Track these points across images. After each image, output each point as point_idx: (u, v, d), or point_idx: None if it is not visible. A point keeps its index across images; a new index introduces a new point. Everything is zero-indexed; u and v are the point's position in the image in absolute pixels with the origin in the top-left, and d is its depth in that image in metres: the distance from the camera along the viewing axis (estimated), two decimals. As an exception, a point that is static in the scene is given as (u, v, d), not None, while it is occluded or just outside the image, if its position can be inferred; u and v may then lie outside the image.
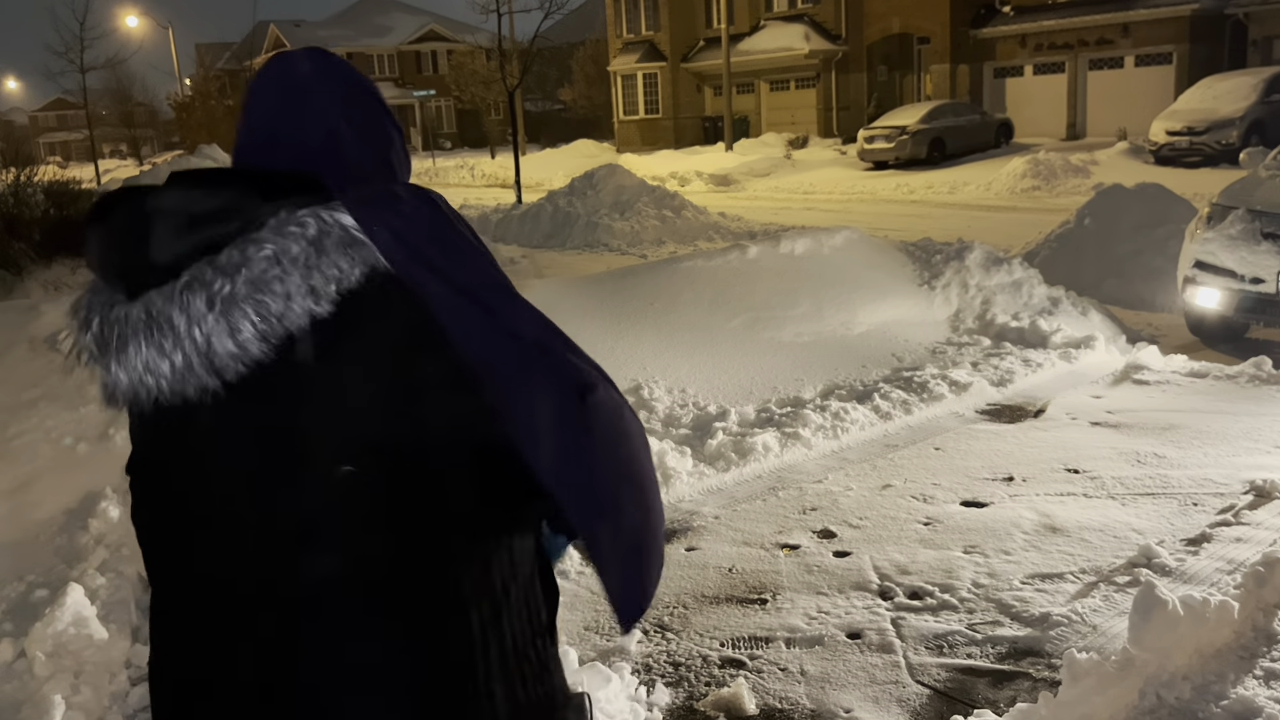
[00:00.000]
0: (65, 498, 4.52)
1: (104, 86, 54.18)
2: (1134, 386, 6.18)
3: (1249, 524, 4.14)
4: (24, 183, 10.75)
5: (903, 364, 6.56)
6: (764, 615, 3.67)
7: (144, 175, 15.78)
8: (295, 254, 1.05)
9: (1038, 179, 19.27)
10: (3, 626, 3.58)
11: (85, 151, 53.73)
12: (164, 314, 1.06)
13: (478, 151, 44.59)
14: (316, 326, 1.05)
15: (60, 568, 4.00)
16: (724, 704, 3.14)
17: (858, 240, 8.06)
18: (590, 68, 46.68)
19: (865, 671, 3.26)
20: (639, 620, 1.22)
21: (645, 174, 18.96)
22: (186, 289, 1.06)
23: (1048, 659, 3.26)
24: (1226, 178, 10.42)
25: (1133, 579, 3.69)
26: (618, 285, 7.00)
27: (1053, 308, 7.42)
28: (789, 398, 5.96)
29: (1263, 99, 20.05)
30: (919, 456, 5.21)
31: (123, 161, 58.31)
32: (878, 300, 7.31)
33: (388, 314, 1.07)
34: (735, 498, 4.81)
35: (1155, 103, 23.65)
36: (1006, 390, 6.17)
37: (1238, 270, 6.88)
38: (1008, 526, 4.26)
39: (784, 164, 27.06)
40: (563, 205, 15.23)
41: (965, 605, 3.63)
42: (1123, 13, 26.26)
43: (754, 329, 6.65)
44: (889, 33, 31.63)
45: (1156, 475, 4.73)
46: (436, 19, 61.07)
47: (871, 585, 3.84)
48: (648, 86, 38.53)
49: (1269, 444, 5.04)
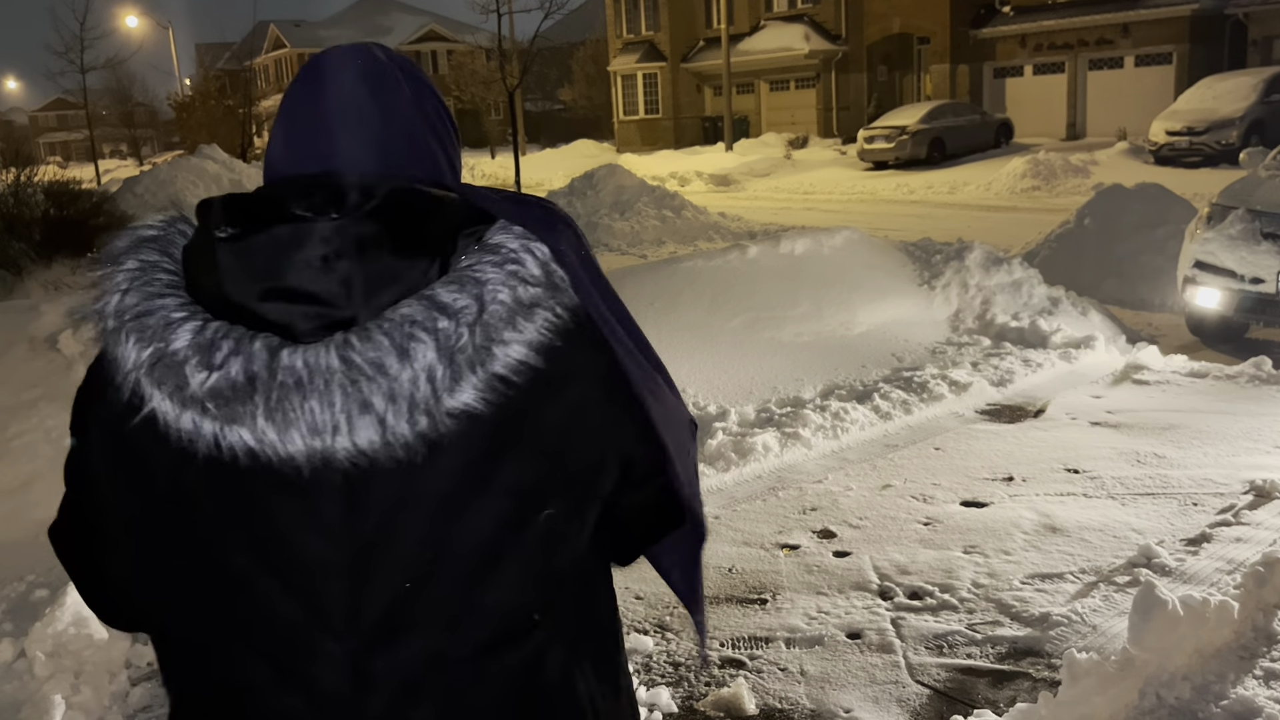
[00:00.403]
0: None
1: (104, 86, 54.22)
2: (1134, 386, 6.19)
3: (1249, 524, 4.14)
4: (24, 183, 10.76)
5: (903, 364, 6.57)
6: (764, 615, 3.67)
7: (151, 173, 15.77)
8: (532, 295, 0.95)
9: (1038, 179, 19.27)
10: (3, 626, 3.58)
11: (85, 151, 53.74)
12: (376, 363, 0.90)
13: (478, 151, 44.57)
14: (532, 372, 0.95)
15: (60, 568, 4.00)
16: (724, 704, 3.14)
17: (858, 240, 8.06)
18: (590, 68, 46.69)
19: (865, 671, 3.26)
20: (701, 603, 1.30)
21: (645, 174, 18.97)
22: (410, 334, 0.90)
23: (1048, 659, 3.26)
24: (1226, 178, 10.42)
25: (1133, 579, 3.69)
26: (618, 285, 6.81)
27: (1053, 308, 7.43)
28: (789, 398, 5.96)
29: (1263, 99, 20.06)
30: (919, 456, 5.21)
31: (123, 161, 58.34)
32: (878, 300, 7.31)
33: (588, 355, 1.01)
34: (735, 498, 4.81)
35: (1155, 103, 23.66)
36: (1006, 390, 6.17)
37: (1238, 270, 6.88)
38: (1008, 526, 4.26)
39: (784, 164, 27.07)
40: (563, 205, 15.23)
41: (965, 605, 3.63)
42: (1123, 13, 26.27)
43: (754, 329, 6.65)
44: (889, 33, 31.64)
45: (1156, 475, 4.73)
46: (436, 19, 61.12)
47: (871, 585, 3.84)
48: (648, 86, 38.54)
49: (1269, 444, 5.04)
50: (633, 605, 3.80)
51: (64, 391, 5.02)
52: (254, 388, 0.90)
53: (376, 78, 1.04)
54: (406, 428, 0.91)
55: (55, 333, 5.32)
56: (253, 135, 28.30)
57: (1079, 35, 27.51)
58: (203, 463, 0.92)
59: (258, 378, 0.90)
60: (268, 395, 0.90)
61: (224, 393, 0.90)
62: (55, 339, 5.27)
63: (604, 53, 42.30)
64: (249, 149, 25.64)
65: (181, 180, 15.05)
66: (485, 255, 0.96)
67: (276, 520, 0.95)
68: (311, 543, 0.95)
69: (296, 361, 0.90)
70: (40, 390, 5.03)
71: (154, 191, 14.71)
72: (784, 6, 34.70)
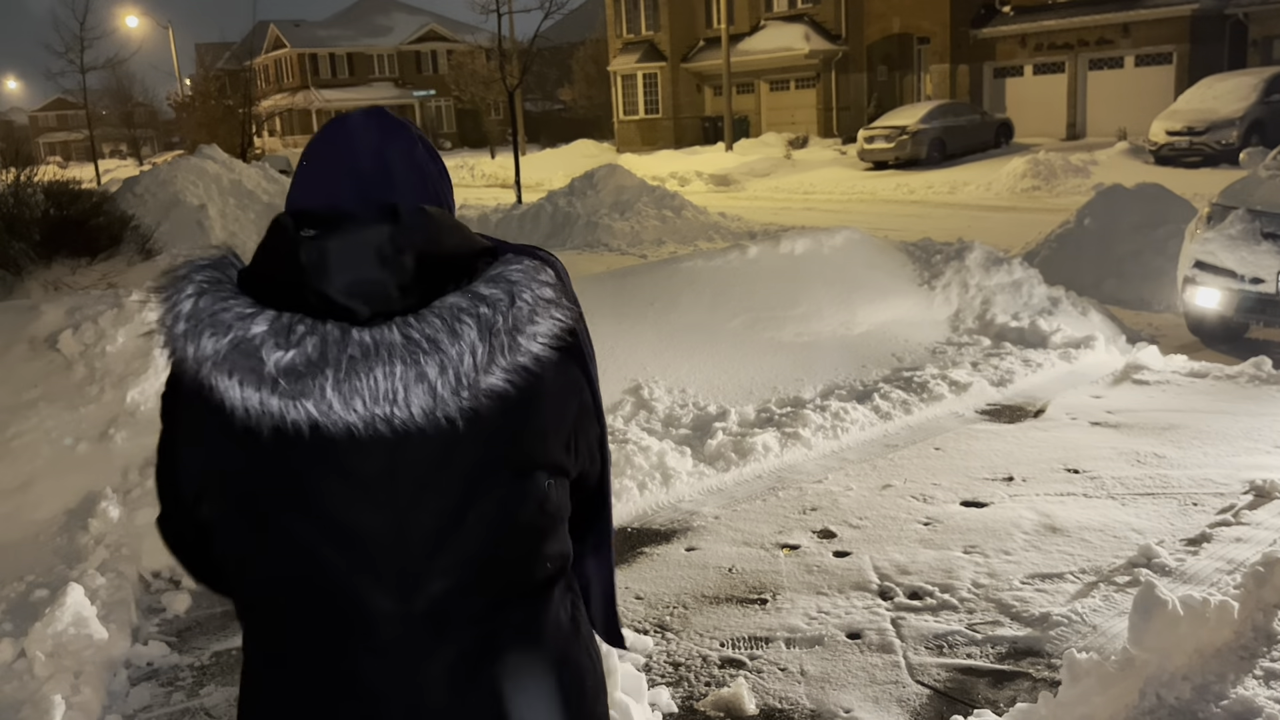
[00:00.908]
0: (65, 498, 4.52)
1: (104, 86, 54.19)
2: (1134, 386, 6.18)
3: (1249, 524, 4.14)
4: (24, 183, 10.72)
5: (903, 364, 6.56)
6: (764, 615, 3.67)
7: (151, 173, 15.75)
8: (548, 297, 1.18)
9: (1038, 179, 19.27)
10: (3, 626, 3.58)
11: (85, 151, 53.72)
12: (432, 339, 1.11)
13: (478, 151, 44.57)
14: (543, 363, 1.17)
15: (60, 568, 4.01)
16: (724, 704, 3.14)
17: (858, 240, 8.06)
18: (590, 68, 46.67)
19: (865, 671, 3.26)
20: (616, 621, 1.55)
21: (645, 174, 18.95)
22: (457, 317, 1.13)
23: (1048, 659, 3.26)
24: (1226, 178, 10.43)
25: (1133, 579, 3.69)
26: (618, 285, 6.99)
27: (1052, 308, 7.43)
28: (789, 398, 5.96)
29: (1262, 99, 20.05)
30: (919, 456, 5.21)
31: (123, 161, 58.32)
32: (878, 300, 7.31)
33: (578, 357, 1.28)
34: (735, 498, 4.81)
35: (1155, 103, 23.65)
36: (1006, 390, 6.17)
37: (1237, 270, 6.88)
38: (1008, 526, 4.26)
39: (784, 164, 27.06)
40: (563, 205, 15.23)
41: (965, 605, 3.63)
42: (1123, 13, 26.26)
43: (754, 329, 6.65)
44: (889, 33, 31.63)
45: (1156, 475, 4.73)
46: (436, 19, 61.08)
47: (871, 585, 3.84)
48: (648, 86, 38.52)
49: (1269, 444, 5.04)
50: (633, 605, 3.80)
51: (64, 391, 5.02)
52: (326, 360, 1.09)
53: (392, 131, 1.28)
54: (452, 400, 1.12)
55: (55, 333, 5.32)
56: (252, 135, 28.29)
57: (1079, 35, 27.50)
58: (269, 439, 1.11)
59: (329, 351, 1.09)
60: (338, 366, 1.09)
61: (298, 368, 1.09)
62: (55, 339, 5.27)
63: (604, 53, 42.29)
64: (249, 149, 25.63)
65: (181, 180, 15.03)
66: (512, 264, 1.19)
67: (332, 490, 1.14)
68: (361, 510, 1.14)
69: (365, 337, 1.10)
70: (40, 390, 5.03)
71: (154, 191, 14.68)
72: (784, 6, 34.68)
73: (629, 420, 5.51)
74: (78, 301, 5.73)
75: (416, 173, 1.27)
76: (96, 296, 5.92)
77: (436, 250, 1.17)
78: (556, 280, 1.22)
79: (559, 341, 1.19)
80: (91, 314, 5.38)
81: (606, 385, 5.68)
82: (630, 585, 3.98)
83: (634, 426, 5.39)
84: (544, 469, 1.23)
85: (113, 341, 5.24)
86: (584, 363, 1.30)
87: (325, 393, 1.09)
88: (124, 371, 5.13)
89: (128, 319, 5.35)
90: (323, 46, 58.73)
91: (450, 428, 1.13)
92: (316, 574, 1.16)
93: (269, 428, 1.10)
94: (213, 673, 3.51)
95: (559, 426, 1.25)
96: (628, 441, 5.10)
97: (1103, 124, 26.81)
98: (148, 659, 3.59)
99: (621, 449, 4.99)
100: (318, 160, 1.27)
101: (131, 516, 4.39)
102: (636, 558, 4.24)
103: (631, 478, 4.81)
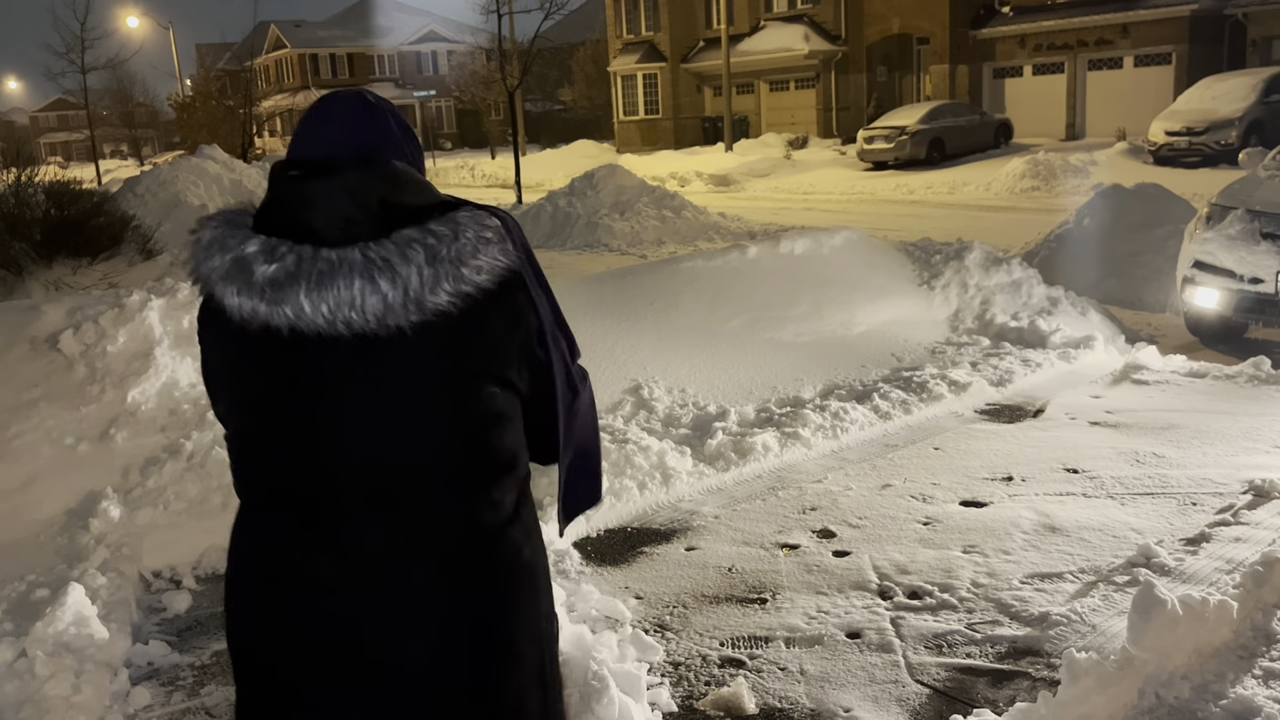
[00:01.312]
0: (65, 498, 4.53)
1: (105, 87, 54.19)
2: (1133, 386, 6.19)
3: (1248, 524, 4.14)
4: (24, 183, 10.72)
5: (902, 364, 6.57)
6: (764, 615, 3.67)
7: (151, 173, 15.75)
8: (488, 237, 1.45)
9: (1037, 179, 19.27)
10: (3, 626, 3.58)
11: (86, 152, 53.75)
12: (385, 259, 1.38)
13: (478, 152, 44.59)
14: (484, 292, 1.44)
15: (60, 568, 4.01)
16: (724, 703, 3.15)
17: (857, 240, 8.06)
18: (590, 68, 46.66)
19: (865, 671, 3.27)
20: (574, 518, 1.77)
21: (645, 174, 18.94)
22: (409, 244, 1.40)
23: (1047, 658, 3.26)
24: (1226, 178, 10.43)
25: (1132, 579, 3.69)
26: (618, 285, 7.00)
27: (1052, 308, 7.43)
28: (789, 398, 5.96)
29: (1262, 99, 20.06)
30: (918, 456, 5.21)
31: (123, 161, 58.31)
32: (877, 300, 7.31)
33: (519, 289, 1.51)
34: (735, 497, 4.81)
35: (1154, 103, 23.67)
36: (1006, 390, 6.17)
37: (1237, 270, 6.88)
38: (1007, 526, 4.26)
39: (784, 164, 27.06)
40: (563, 205, 15.22)
41: (965, 605, 3.63)
42: (1122, 13, 26.27)
43: (754, 329, 6.65)
44: (889, 33, 31.63)
45: (1156, 475, 4.74)
46: (436, 19, 61.08)
47: (871, 585, 3.84)
48: (648, 87, 38.52)
49: (1268, 444, 5.05)
50: (633, 605, 3.81)
51: (65, 391, 5.03)
52: (300, 273, 1.38)
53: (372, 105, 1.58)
54: (401, 311, 1.38)
55: (55, 333, 5.32)
56: (253, 135, 28.26)
57: (1078, 35, 27.51)
58: (256, 337, 1.41)
59: (304, 266, 1.38)
60: (309, 278, 1.38)
61: (279, 279, 1.38)
62: (55, 339, 5.28)
63: (604, 53, 42.29)
64: (249, 149, 25.62)
65: (182, 180, 15.03)
66: (461, 210, 1.48)
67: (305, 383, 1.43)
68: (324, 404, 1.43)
69: (332, 255, 1.39)
70: (40, 390, 5.03)
71: (154, 191, 14.68)
72: (784, 7, 34.68)
73: (629, 420, 5.51)
74: (78, 301, 5.73)
75: (389, 135, 1.56)
76: (97, 296, 5.93)
77: (399, 196, 1.45)
78: (502, 229, 1.48)
79: (499, 276, 1.45)
80: (92, 314, 5.39)
81: (607, 385, 5.70)
82: (630, 585, 3.98)
83: (634, 426, 5.39)
84: (488, 379, 1.48)
85: (113, 341, 5.24)
86: (529, 298, 1.53)
87: (299, 299, 1.37)
88: (125, 371, 5.14)
89: (128, 319, 5.36)
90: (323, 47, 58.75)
91: (400, 336, 1.39)
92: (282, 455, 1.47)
93: (258, 327, 1.40)
94: (213, 672, 3.51)
95: (501, 346, 1.49)
96: (628, 441, 5.10)
97: (1102, 124, 26.82)
98: (148, 658, 3.59)
99: (621, 449, 5.00)
100: (311, 119, 1.56)
101: (132, 516, 4.40)
102: (636, 557, 4.24)
103: (631, 477, 4.81)
